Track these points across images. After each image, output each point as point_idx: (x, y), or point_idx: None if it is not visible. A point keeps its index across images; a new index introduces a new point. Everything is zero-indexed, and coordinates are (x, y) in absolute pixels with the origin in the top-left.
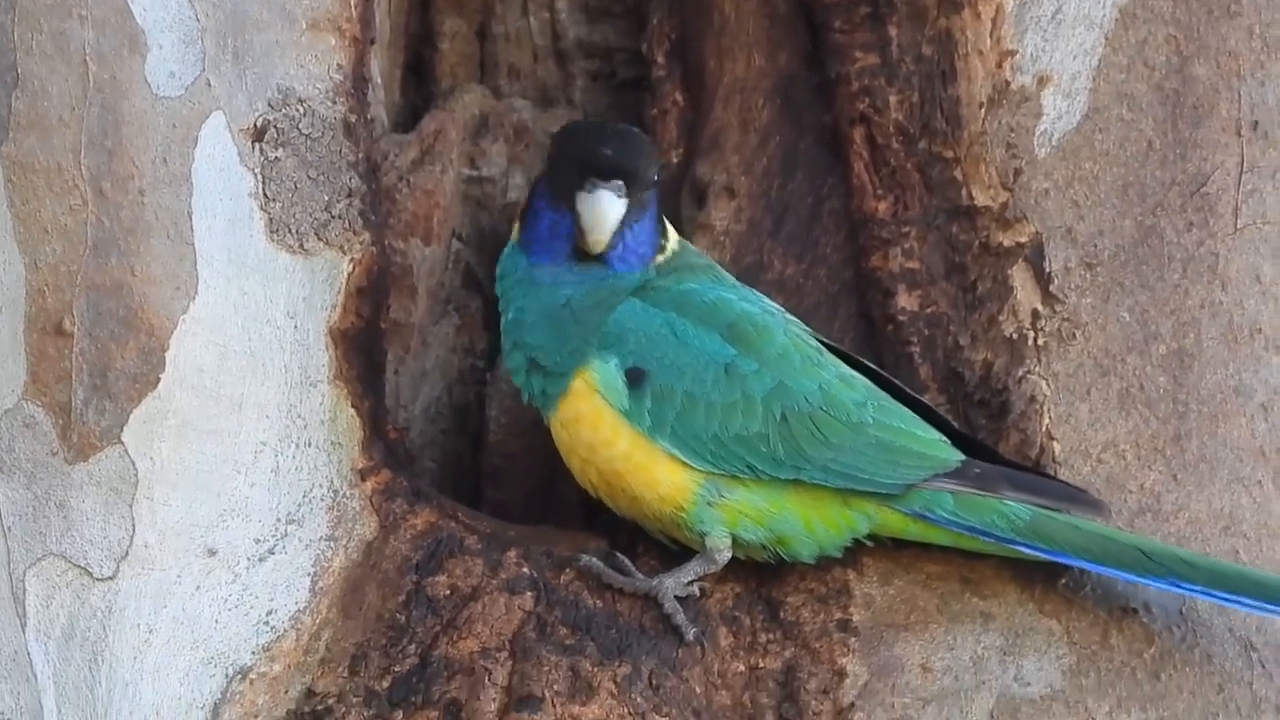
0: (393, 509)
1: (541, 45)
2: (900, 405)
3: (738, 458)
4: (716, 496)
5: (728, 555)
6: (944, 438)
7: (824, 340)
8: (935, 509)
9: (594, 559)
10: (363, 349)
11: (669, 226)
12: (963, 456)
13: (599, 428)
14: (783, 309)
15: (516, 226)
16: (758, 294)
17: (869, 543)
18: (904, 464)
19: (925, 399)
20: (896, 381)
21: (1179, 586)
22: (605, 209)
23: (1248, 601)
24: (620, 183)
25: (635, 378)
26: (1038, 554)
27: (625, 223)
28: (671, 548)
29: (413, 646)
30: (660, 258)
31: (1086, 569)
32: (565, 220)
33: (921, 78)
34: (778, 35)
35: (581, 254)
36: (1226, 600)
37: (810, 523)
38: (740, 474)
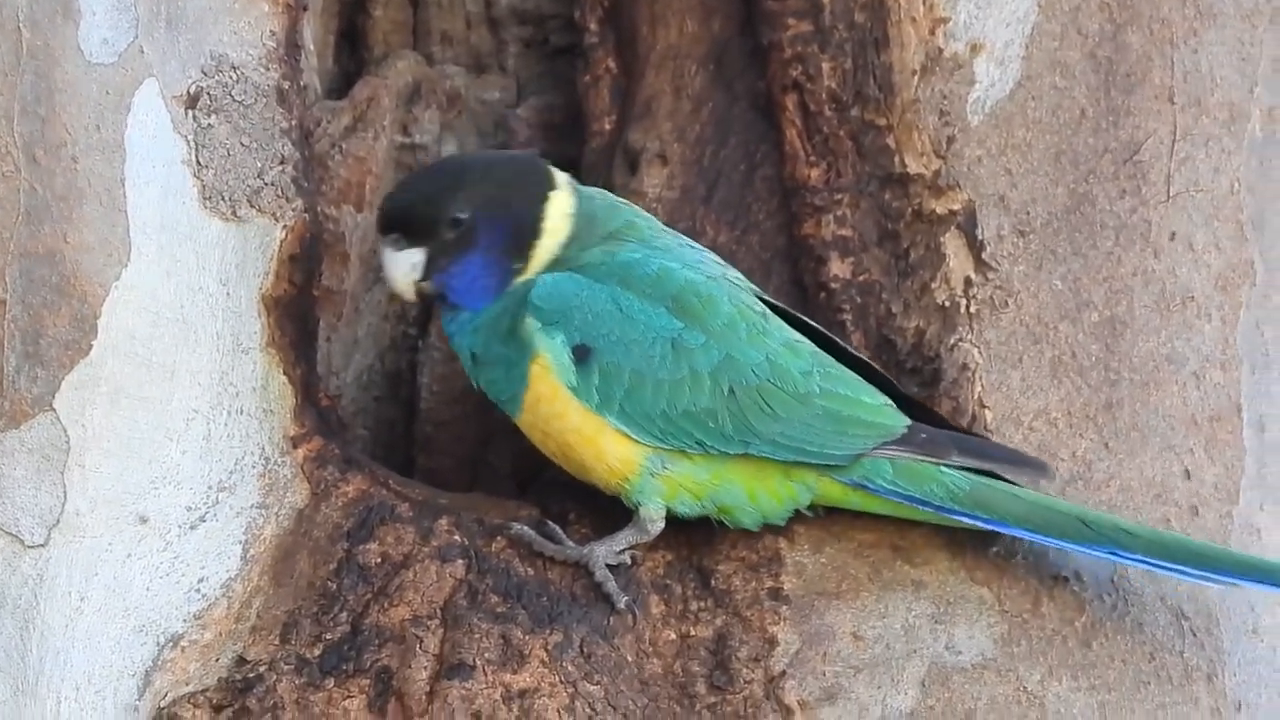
0: (324, 476)
1: (474, 12)
2: (846, 370)
3: (686, 434)
4: (660, 469)
5: (660, 526)
6: (890, 402)
7: (766, 299)
8: (875, 479)
9: (525, 527)
10: (295, 316)
11: (555, 226)
12: (909, 421)
13: (554, 403)
14: (724, 264)
15: None
16: (696, 247)
17: (809, 513)
18: (852, 434)
19: (865, 356)
20: (838, 340)
21: (1119, 555)
22: (387, 264)
23: (1188, 570)
24: (396, 235)
25: (582, 354)
26: (978, 523)
27: (435, 268)
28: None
29: (344, 614)
30: (522, 275)
31: (1027, 538)
32: None
33: (854, 45)
34: (711, 2)
35: (452, 306)
36: (1166, 569)
37: (754, 494)
38: (689, 449)
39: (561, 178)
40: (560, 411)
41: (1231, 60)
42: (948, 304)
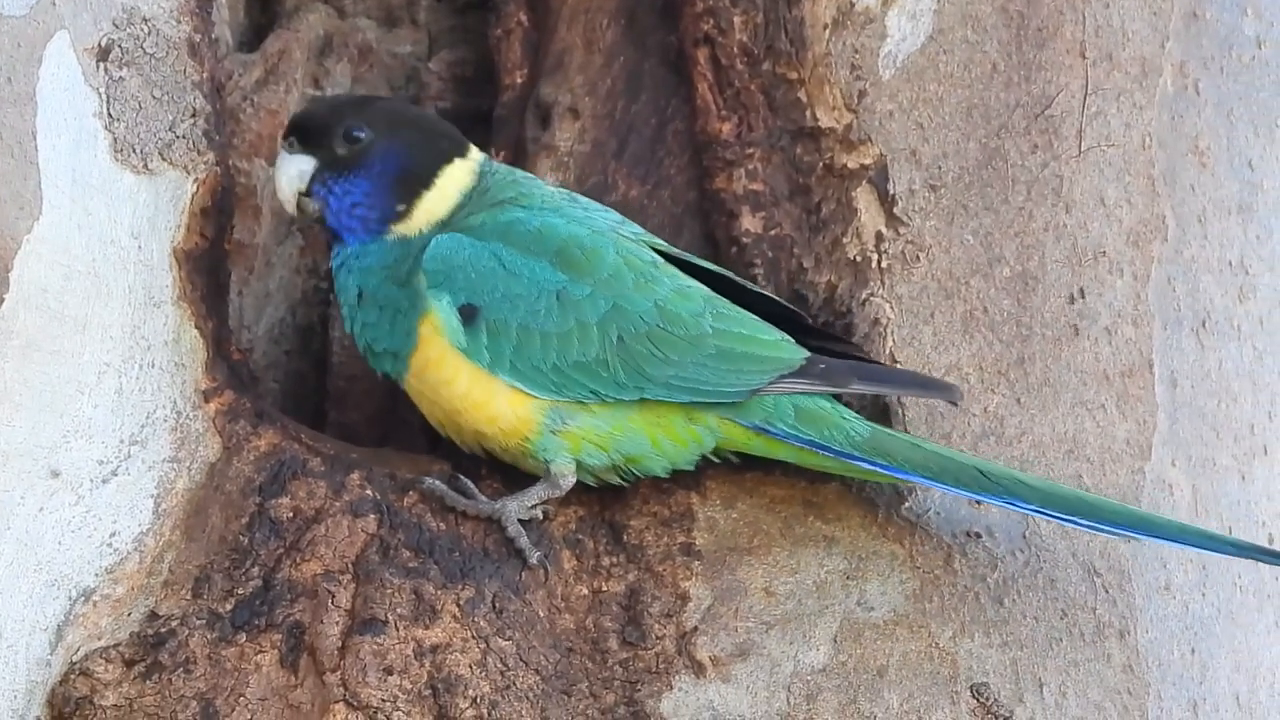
0: (236, 430)
1: None
2: (740, 310)
3: (579, 384)
4: (560, 424)
5: (572, 480)
6: (787, 337)
7: (670, 251)
8: (776, 423)
9: (437, 481)
10: (206, 270)
11: (443, 193)
12: (806, 354)
13: (442, 368)
14: (619, 220)
15: None
16: (590, 205)
17: (715, 459)
18: (747, 369)
19: (770, 292)
20: (743, 281)
21: (1016, 505)
22: (277, 168)
23: (1082, 522)
24: (291, 139)
25: (469, 314)
26: (876, 469)
27: (318, 181)
28: (521, 470)
29: (256, 569)
30: (402, 225)
31: (923, 485)
32: None
33: None
34: None
35: (328, 232)
36: (1061, 519)
37: (657, 440)
38: (585, 399)
39: (476, 155)
40: (449, 377)
41: (1143, 15)
42: (859, 259)
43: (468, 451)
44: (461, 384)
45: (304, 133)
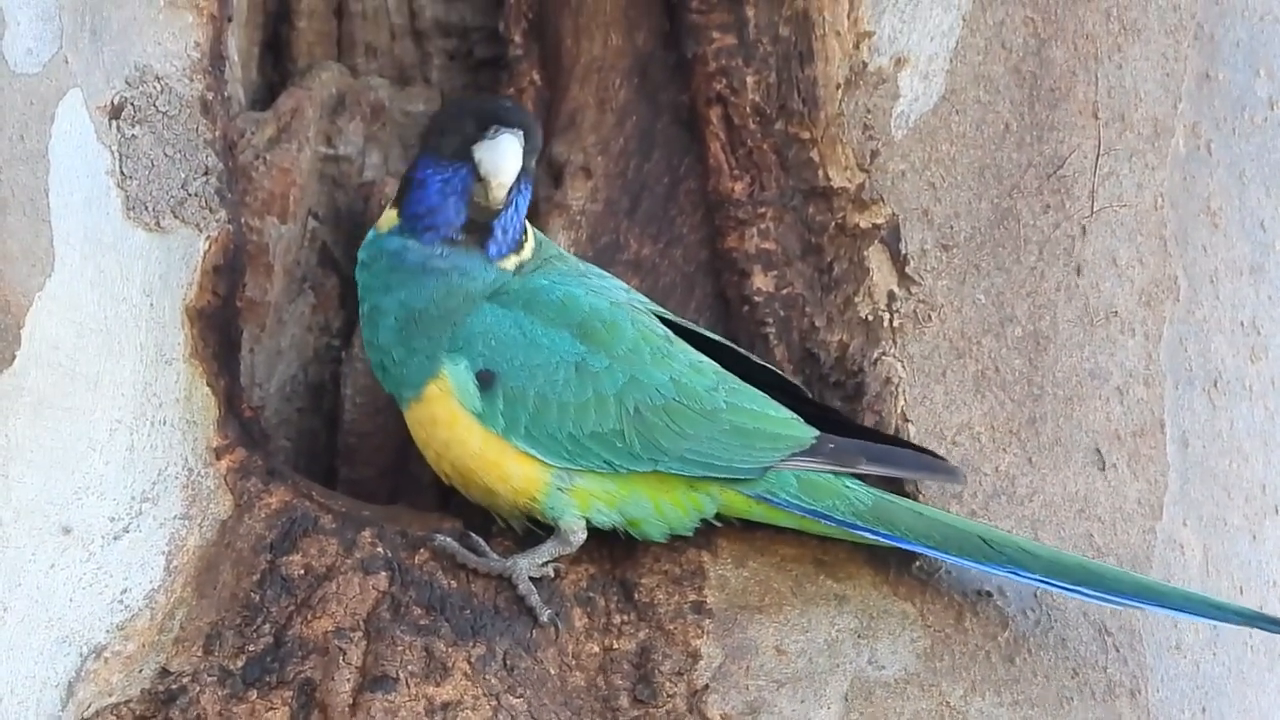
0: (247, 487)
1: (399, 24)
2: (750, 387)
3: (594, 454)
4: (568, 483)
5: (582, 537)
6: (796, 416)
7: (673, 319)
8: (778, 492)
9: (448, 539)
10: (218, 327)
11: (530, 226)
12: (816, 433)
13: (453, 428)
14: (628, 290)
15: (392, 212)
16: (603, 275)
17: (717, 523)
18: (760, 447)
19: (776, 368)
20: (748, 354)
21: (1019, 575)
22: (508, 151)
23: (1085, 591)
24: (522, 131)
25: (486, 380)
26: (879, 538)
27: (518, 185)
28: (527, 531)
29: (267, 626)
30: (517, 257)
31: (928, 555)
32: (459, 176)
33: (778, 58)
34: (635, 14)
35: (470, 227)
36: (1065, 590)
37: (659, 505)
38: (598, 469)
39: None
40: (461, 437)
41: (1155, 75)
42: (871, 318)
43: (472, 501)
44: (474, 445)
45: (527, 134)
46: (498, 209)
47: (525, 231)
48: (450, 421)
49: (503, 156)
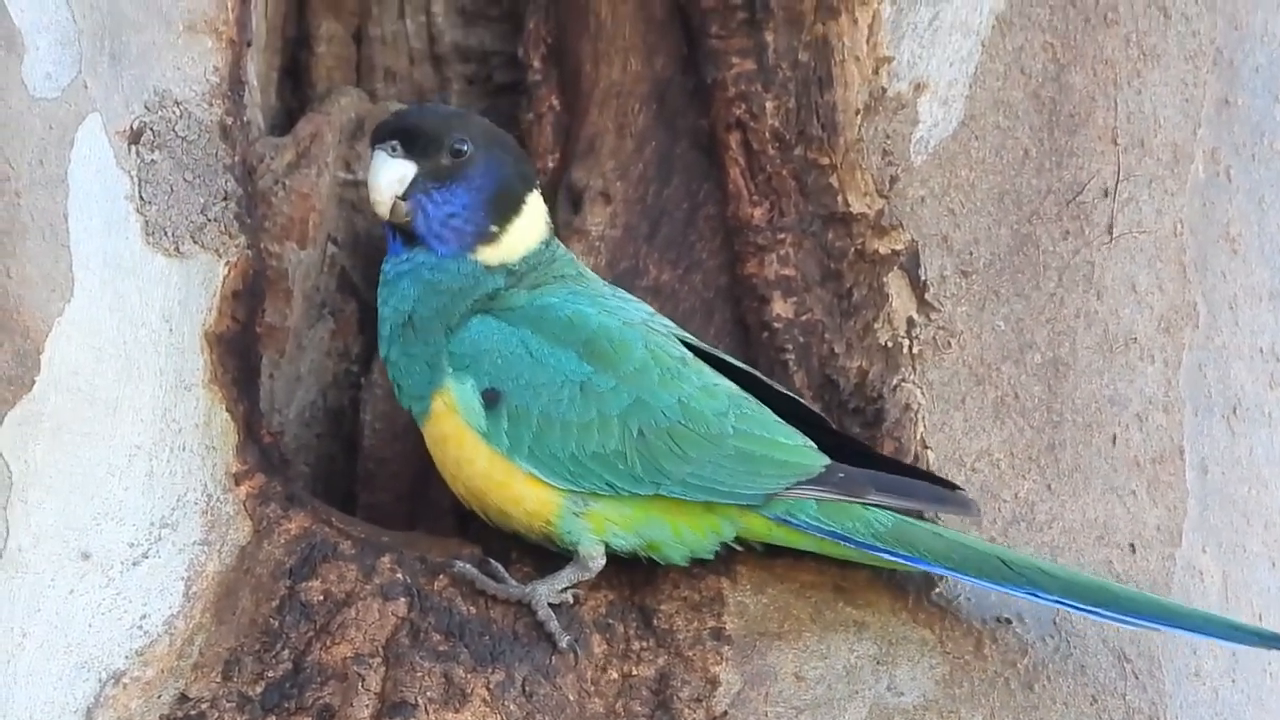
0: (267, 513)
1: (418, 48)
2: (765, 411)
3: (596, 475)
4: (583, 507)
5: (601, 562)
6: (809, 442)
7: (694, 342)
8: (798, 514)
9: (468, 565)
10: (238, 352)
11: (532, 222)
12: (827, 461)
13: (462, 446)
14: (650, 313)
15: None
16: (625, 298)
17: (738, 546)
18: (764, 473)
19: (796, 395)
20: (769, 381)
21: (1038, 596)
22: (375, 170)
23: (1104, 613)
24: (394, 143)
25: (491, 398)
26: (898, 560)
27: (419, 188)
28: (552, 550)
29: (286, 652)
30: (491, 250)
31: (947, 576)
32: None
33: (798, 84)
34: (654, 40)
35: (406, 236)
36: (1083, 611)
37: (678, 529)
38: (600, 491)
39: (540, 197)
40: (470, 456)
41: (1175, 101)
42: (890, 344)
43: (493, 527)
44: (481, 464)
45: (408, 139)
46: (399, 221)
47: (501, 219)
48: (459, 440)
49: (372, 175)
